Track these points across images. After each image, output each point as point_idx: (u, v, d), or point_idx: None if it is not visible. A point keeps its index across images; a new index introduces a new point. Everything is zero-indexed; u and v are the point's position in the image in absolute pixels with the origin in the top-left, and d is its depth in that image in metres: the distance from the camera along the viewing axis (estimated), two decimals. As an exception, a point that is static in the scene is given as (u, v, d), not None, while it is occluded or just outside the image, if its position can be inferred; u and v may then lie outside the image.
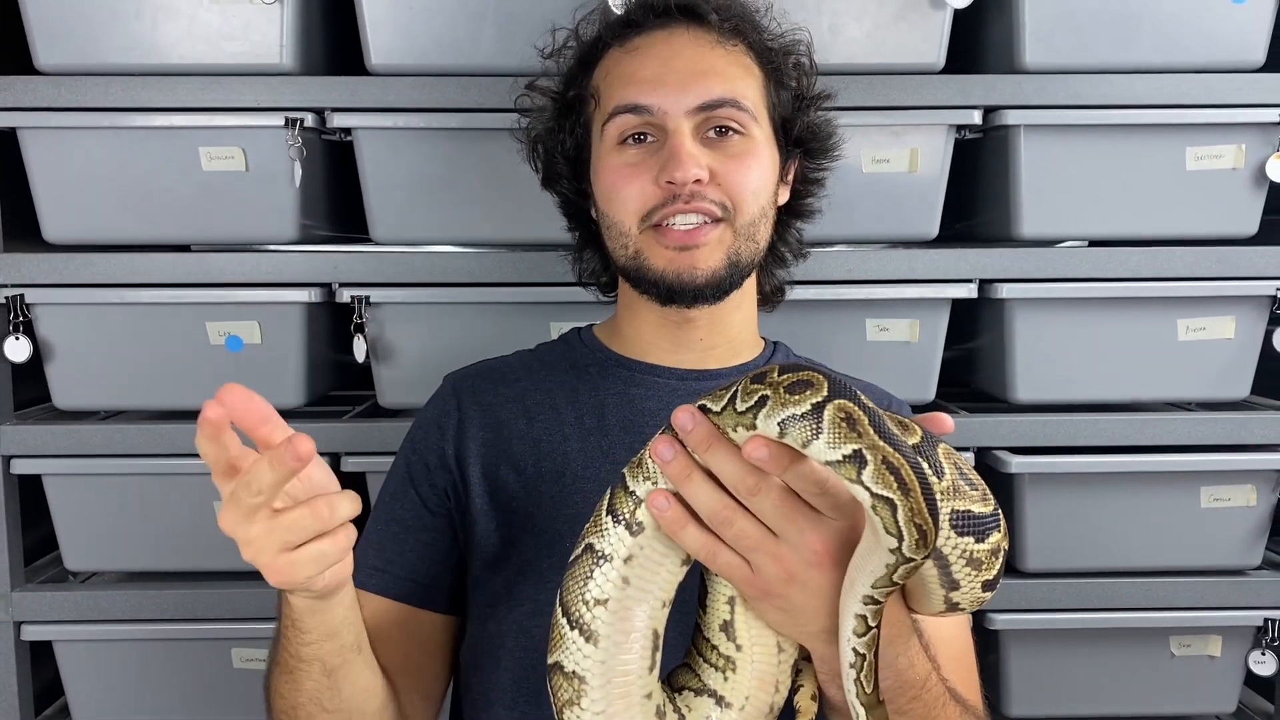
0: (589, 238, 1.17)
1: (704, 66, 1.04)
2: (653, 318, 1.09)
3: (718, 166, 1.01)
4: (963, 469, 0.74)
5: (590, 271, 1.20)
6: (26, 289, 1.43)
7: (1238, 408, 1.55)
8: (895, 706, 0.80)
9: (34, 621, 1.48)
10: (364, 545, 1.10)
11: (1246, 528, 1.51)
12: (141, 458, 1.46)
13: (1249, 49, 1.45)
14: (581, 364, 1.13)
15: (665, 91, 1.02)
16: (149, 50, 1.41)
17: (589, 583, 0.76)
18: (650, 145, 1.03)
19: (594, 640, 0.75)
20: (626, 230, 1.03)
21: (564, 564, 0.99)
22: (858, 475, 0.67)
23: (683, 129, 1.01)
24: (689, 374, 1.09)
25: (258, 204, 1.44)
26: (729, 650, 0.79)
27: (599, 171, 1.07)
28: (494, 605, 1.02)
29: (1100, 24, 1.44)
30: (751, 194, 1.03)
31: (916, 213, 1.47)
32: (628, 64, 1.06)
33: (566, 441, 1.06)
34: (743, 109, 1.03)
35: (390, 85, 1.42)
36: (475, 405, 1.10)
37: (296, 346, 1.47)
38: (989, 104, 1.44)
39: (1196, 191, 1.47)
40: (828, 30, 1.43)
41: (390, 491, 1.11)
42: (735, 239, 1.03)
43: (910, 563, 0.68)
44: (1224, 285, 1.48)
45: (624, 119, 1.03)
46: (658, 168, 1.01)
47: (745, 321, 1.13)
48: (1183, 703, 1.57)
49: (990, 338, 1.55)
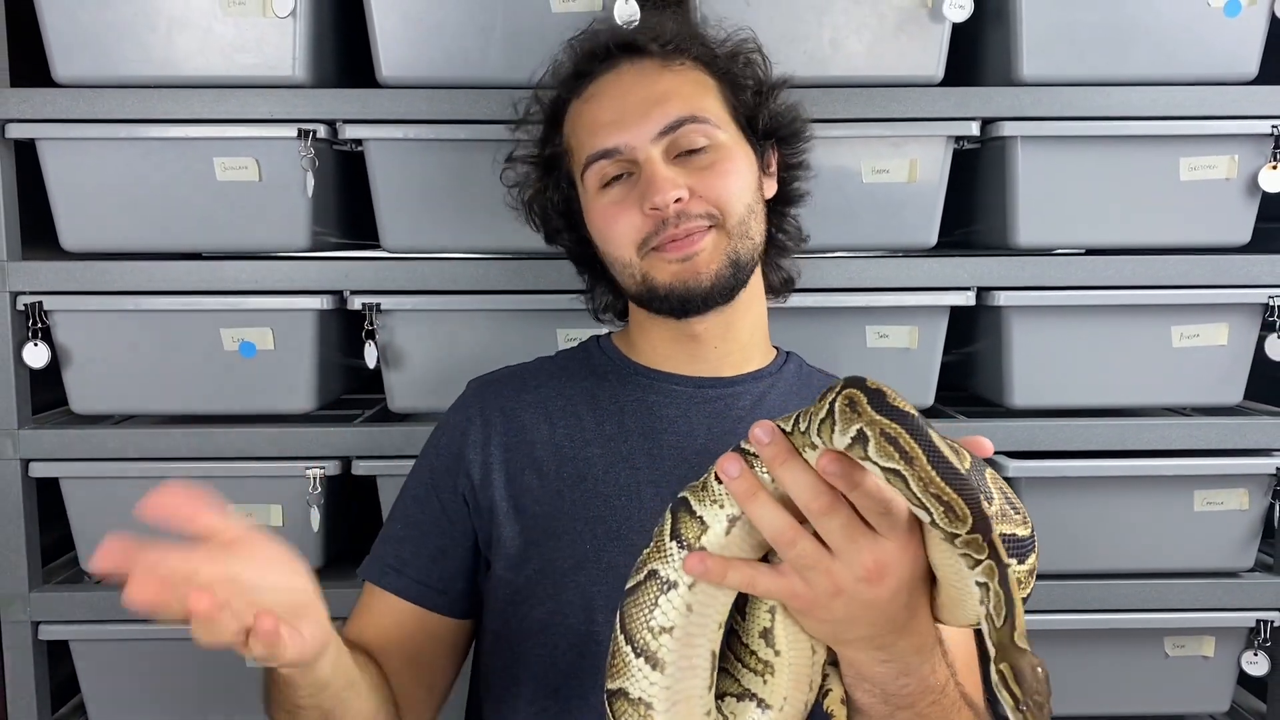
0: (597, 276, 1.22)
1: (656, 93, 1.08)
2: (666, 334, 1.12)
3: (695, 182, 1.05)
4: (1007, 493, 0.76)
5: (604, 305, 1.24)
6: (44, 296, 1.46)
7: (1231, 413, 1.57)
8: (917, 710, 0.83)
9: (51, 621, 1.50)
10: (383, 541, 1.14)
11: (1239, 531, 1.54)
12: (156, 461, 1.49)
13: (1242, 61, 1.47)
14: (601, 371, 1.16)
15: (627, 127, 1.06)
16: (164, 63, 1.44)
17: (654, 610, 0.77)
18: (630, 180, 1.07)
19: (660, 668, 0.77)
20: (628, 261, 1.08)
21: (582, 565, 1.02)
22: (865, 454, 0.68)
23: (653, 157, 1.06)
24: (704, 381, 1.13)
25: (271, 213, 1.47)
26: (768, 655, 0.81)
27: (590, 217, 1.12)
28: (515, 605, 1.05)
29: (1096, 37, 1.47)
30: (735, 196, 1.06)
31: (915, 222, 1.50)
32: (588, 113, 1.11)
33: (587, 446, 1.09)
34: (703, 121, 1.07)
35: (400, 97, 1.45)
36: (498, 410, 1.13)
37: (308, 352, 1.49)
38: (987, 116, 1.47)
39: (1190, 201, 1.50)
40: (828, 44, 1.46)
41: (413, 494, 1.14)
42: (730, 240, 1.06)
43: (958, 536, 0.68)
44: (1217, 293, 1.50)
45: (599, 166, 1.08)
46: (640, 198, 1.05)
47: (755, 326, 1.16)
48: (1177, 702, 1.59)
49: (988, 344, 1.58)
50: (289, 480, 1.49)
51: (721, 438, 1.07)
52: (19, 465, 1.48)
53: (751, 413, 1.11)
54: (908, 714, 0.82)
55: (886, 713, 0.83)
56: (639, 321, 1.16)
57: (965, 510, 0.68)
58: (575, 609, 1.03)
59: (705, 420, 1.10)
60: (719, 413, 1.11)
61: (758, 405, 1.12)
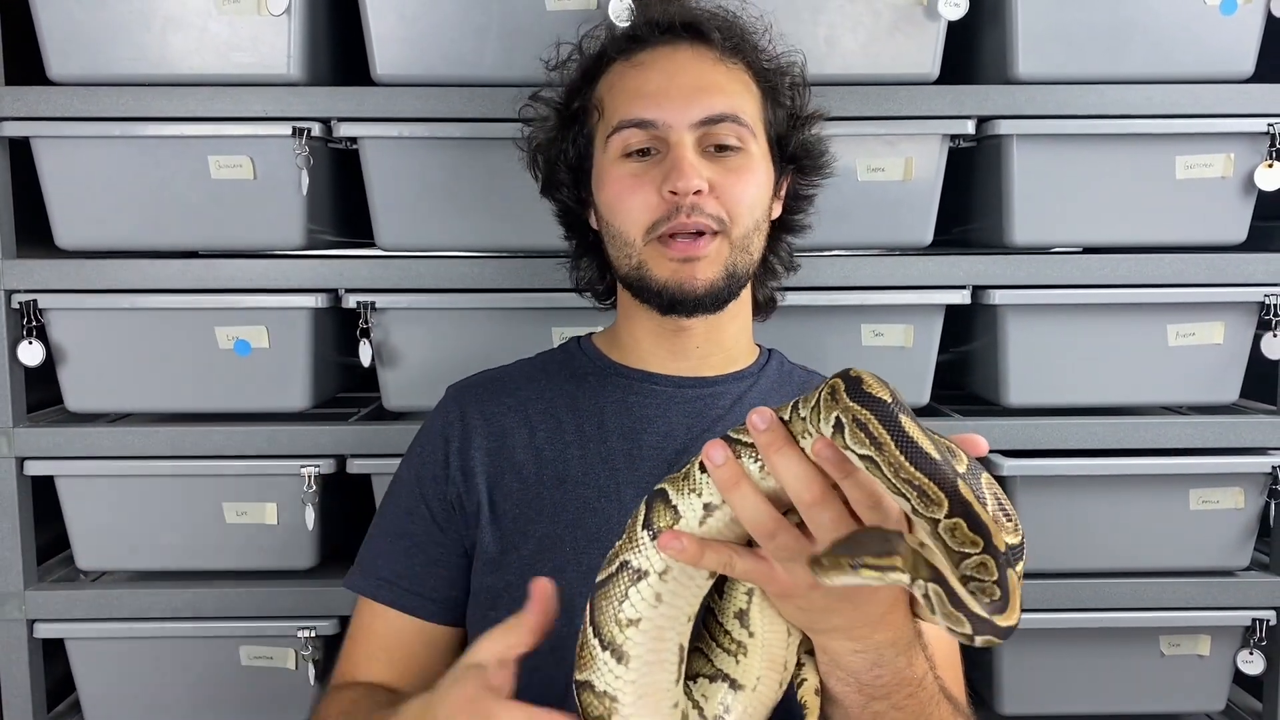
0: (586, 246, 1.20)
1: (707, 82, 1.07)
2: (651, 325, 1.11)
3: (717, 180, 1.04)
4: (1000, 499, 0.76)
5: (587, 280, 1.23)
6: (39, 294, 1.46)
7: (1227, 411, 1.57)
8: (893, 702, 0.83)
9: (46, 619, 1.50)
10: (373, 555, 1.13)
11: (1235, 529, 1.54)
12: (152, 459, 1.49)
13: (1238, 59, 1.47)
14: (581, 372, 1.15)
15: (670, 106, 1.05)
16: (159, 61, 1.44)
17: (624, 603, 0.77)
18: (654, 158, 1.06)
19: (626, 662, 0.77)
20: (631, 241, 1.06)
21: (562, 569, 1.01)
22: (844, 442, 0.68)
23: (685, 141, 1.04)
24: (685, 381, 1.12)
25: (265, 211, 1.47)
26: (742, 636, 0.81)
27: (603, 182, 1.09)
28: (495, 609, 1.05)
29: (1092, 35, 1.46)
30: (747, 208, 1.06)
31: (911, 220, 1.50)
32: (632, 78, 1.09)
33: (567, 448, 1.09)
34: (743, 124, 1.07)
35: (395, 95, 1.45)
36: (479, 415, 1.12)
37: (303, 350, 1.49)
38: (982, 114, 1.47)
39: (1186, 200, 1.49)
40: (823, 41, 1.45)
41: (402, 505, 1.13)
42: (731, 251, 1.06)
43: (939, 522, 0.67)
44: (1213, 291, 1.50)
45: (628, 133, 1.06)
46: (661, 179, 1.04)
47: (741, 331, 1.16)
48: (1173, 701, 1.59)
49: (983, 343, 1.58)
50: (284, 479, 1.49)
51: (701, 437, 1.06)
52: (14, 463, 1.48)
53: (731, 412, 1.11)
54: (883, 704, 0.82)
55: (861, 702, 0.83)
56: (625, 308, 1.15)
57: (939, 493, 0.67)
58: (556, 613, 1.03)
59: (685, 419, 1.10)
60: (699, 412, 1.11)
61: (737, 404, 1.12)
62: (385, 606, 1.10)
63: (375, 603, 1.11)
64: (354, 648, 1.12)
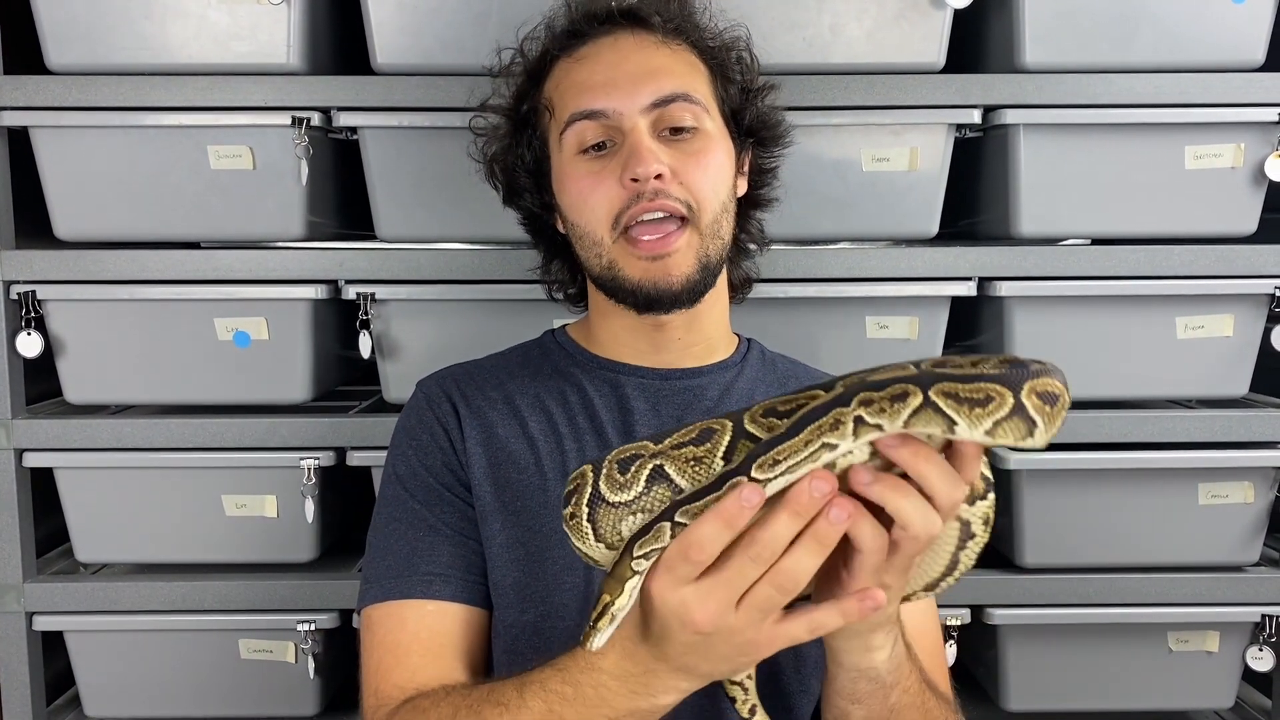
0: (554, 250, 1.19)
1: (653, 66, 1.06)
2: (628, 321, 1.09)
3: (677, 164, 1.03)
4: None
5: (558, 284, 1.21)
6: (38, 285, 1.45)
7: (1236, 405, 1.56)
8: (903, 687, 0.87)
9: (46, 612, 1.50)
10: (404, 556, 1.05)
11: (1244, 524, 1.52)
12: (151, 451, 1.48)
13: (1248, 48, 1.46)
14: (564, 368, 1.13)
15: (618, 93, 1.04)
16: (158, 50, 1.43)
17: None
18: (611, 151, 1.05)
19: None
20: (599, 239, 1.04)
21: (572, 565, 1.01)
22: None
23: (640, 127, 1.03)
24: (671, 373, 1.11)
25: (265, 202, 1.46)
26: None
27: (563, 181, 1.08)
28: (505, 608, 1.03)
29: (1100, 24, 1.45)
30: (712, 190, 1.04)
31: (916, 211, 1.48)
32: (578, 72, 1.08)
33: (562, 441, 1.08)
34: (694, 101, 1.05)
35: (395, 85, 1.44)
36: (468, 408, 1.10)
37: (303, 342, 1.49)
38: (989, 103, 1.45)
39: (1195, 190, 1.48)
40: (828, 30, 1.44)
41: (417, 500, 1.07)
42: (702, 240, 1.04)
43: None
44: (1223, 283, 1.48)
45: (581, 125, 1.05)
46: (619, 169, 1.02)
47: (719, 319, 1.14)
48: (1181, 698, 1.58)
49: (989, 335, 1.56)
50: (284, 471, 1.48)
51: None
52: (13, 455, 1.48)
53: (720, 403, 1.10)
54: (896, 692, 0.86)
55: (882, 695, 0.86)
56: (599, 307, 1.13)
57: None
58: (569, 610, 1.01)
59: (675, 412, 1.08)
60: (688, 404, 1.09)
61: (725, 395, 1.11)
62: (444, 603, 1.02)
63: (426, 601, 1.02)
64: (404, 656, 1.00)
